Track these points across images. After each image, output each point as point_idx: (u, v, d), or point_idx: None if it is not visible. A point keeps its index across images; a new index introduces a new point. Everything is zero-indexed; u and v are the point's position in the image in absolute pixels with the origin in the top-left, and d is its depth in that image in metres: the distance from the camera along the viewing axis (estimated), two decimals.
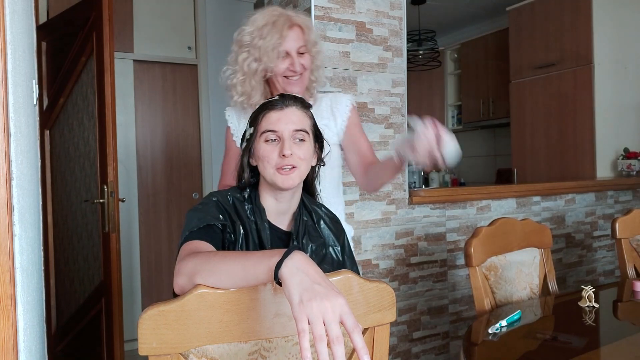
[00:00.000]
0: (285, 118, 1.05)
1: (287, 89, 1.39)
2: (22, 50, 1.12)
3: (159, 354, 0.79)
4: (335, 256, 1.13)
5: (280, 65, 1.38)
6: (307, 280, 0.72)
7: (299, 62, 1.39)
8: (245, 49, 1.40)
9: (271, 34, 1.35)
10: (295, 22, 1.39)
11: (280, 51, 1.36)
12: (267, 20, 1.37)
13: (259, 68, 1.38)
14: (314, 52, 1.44)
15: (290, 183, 1.03)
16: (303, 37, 1.40)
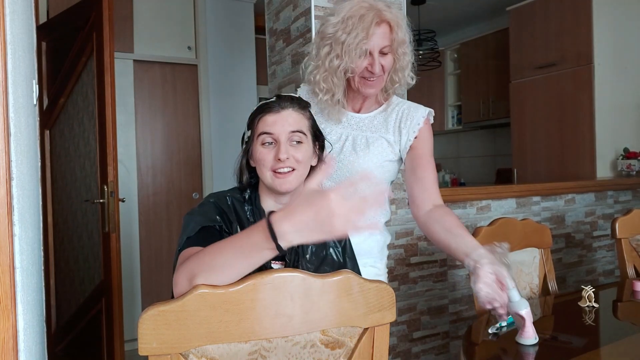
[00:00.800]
0: (282, 120, 1.04)
1: (362, 90, 1.31)
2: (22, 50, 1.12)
3: (159, 354, 0.79)
4: (336, 257, 1.13)
5: (359, 63, 1.27)
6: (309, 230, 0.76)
7: (380, 63, 1.27)
8: (328, 41, 1.28)
9: (356, 30, 1.23)
10: (384, 19, 1.25)
11: (364, 50, 1.25)
12: (355, 12, 1.25)
13: (340, 65, 1.27)
14: (400, 52, 1.30)
15: (288, 186, 1.03)
16: (390, 36, 1.27)
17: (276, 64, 2.34)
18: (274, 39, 2.36)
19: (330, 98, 1.32)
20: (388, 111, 1.38)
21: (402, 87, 1.37)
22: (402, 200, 2.19)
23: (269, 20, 2.41)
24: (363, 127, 1.37)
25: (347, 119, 1.38)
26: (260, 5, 3.63)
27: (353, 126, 1.38)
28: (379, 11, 1.25)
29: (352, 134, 1.36)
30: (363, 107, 1.40)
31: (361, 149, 1.34)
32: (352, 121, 1.38)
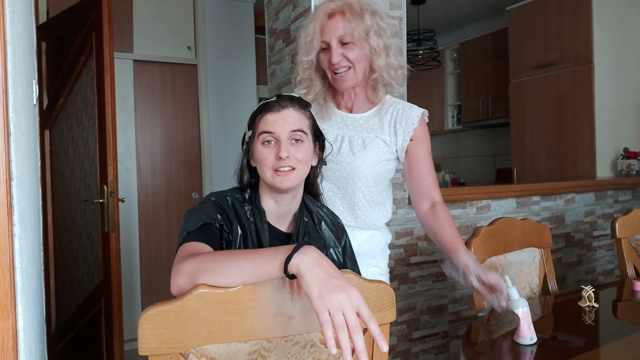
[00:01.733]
0: (282, 120, 1.04)
1: (335, 86, 1.33)
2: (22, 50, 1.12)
3: (159, 353, 0.79)
4: (336, 257, 1.13)
5: (323, 57, 1.29)
6: (323, 274, 0.77)
7: (340, 53, 1.26)
8: (298, 43, 1.36)
9: (311, 25, 1.28)
10: (337, 10, 1.26)
11: (317, 43, 1.27)
12: (314, 12, 1.29)
13: (304, 60, 1.31)
14: (365, 38, 1.26)
15: (289, 184, 1.03)
16: (347, 25, 1.24)
17: (276, 64, 2.34)
18: (274, 38, 2.36)
19: (308, 93, 1.36)
20: (383, 111, 1.37)
21: (392, 85, 1.36)
22: (402, 200, 2.19)
23: (269, 20, 2.41)
24: (358, 128, 1.37)
25: (342, 120, 1.38)
26: (260, 5, 3.63)
27: (349, 126, 1.37)
28: (333, 4, 1.27)
29: (348, 135, 1.36)
30: (354, 106, 1.39)
31: (358, 150, 1.34)
32: (347, 121, 1.38)
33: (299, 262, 0.78)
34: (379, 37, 1.28)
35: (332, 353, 0.71)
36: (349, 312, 0.73)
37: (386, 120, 1.36)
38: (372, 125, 1.37)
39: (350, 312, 0.73)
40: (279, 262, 0.80)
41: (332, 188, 1.36)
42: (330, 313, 0.73)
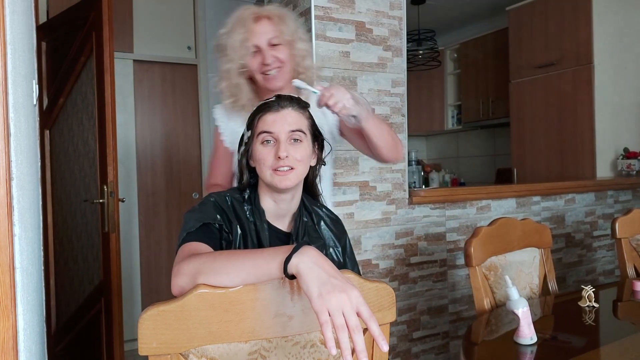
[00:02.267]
0: (281, 119, 1.04)
1: (267, 86, 1.36)
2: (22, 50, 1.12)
3: (159, 353, 0.79)
4: (336, 257, 1.13)
5: (252, 61, 1.34)
6: (323, 274, 0.76)
7: (271, 55, 1.33)
8: (223, 52, 1.37)
9: (237, 30, 1.32)
10: (263, 14, 1.34)
11: (249, 46, 1.32)
12: (236, 17, 1.35)
13: (233, 67, 1.34)
14: (292, 42, 1.36)
15: (288, 184, 1.03)
16: (274, 28, 1.33)
17: None
18: None
19: (233, 102, 1.39)
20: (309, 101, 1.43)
21: (311, 79, 1.41)
22: (402, 200, 2.19)
23: None
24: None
25: None
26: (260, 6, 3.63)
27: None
28: (256, 10, 1.35)
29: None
30: None
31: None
32: None
33: (299, 262, 0.78)
34: (303, 42, 1.39)
35: (332, 354, 0.71)
36: (349, 312, 0.73)
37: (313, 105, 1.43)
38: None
39: (350, 312, 0.73)
40: (278, 263, 0.80)
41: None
42: (330, 313, 0.73)
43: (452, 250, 2.34)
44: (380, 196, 2.14)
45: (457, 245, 2.34)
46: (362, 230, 2.10)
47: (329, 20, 2.02)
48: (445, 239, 2.32)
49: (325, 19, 2.01)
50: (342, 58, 2.05)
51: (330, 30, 2.02)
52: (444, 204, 2.31)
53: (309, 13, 2.00)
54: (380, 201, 2.14)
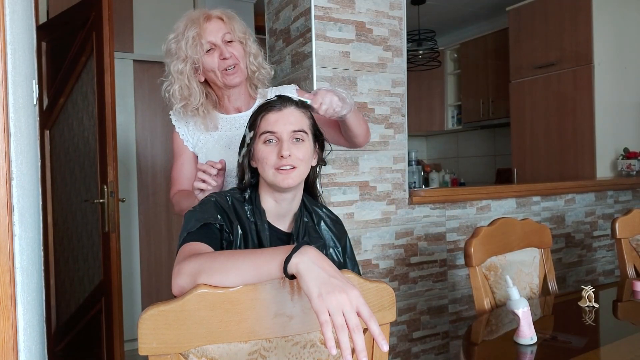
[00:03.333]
0: (284, 119, 1.05)
1: (227, 82, 1.37)
2: (22, 50, 1.12)
3: (159, 353, 0.79)
4: (336, 257, 1.14)
5: (209, 58, 1.35)
6: (323, 274, 0.76)
7: (228, 50, 1.35)
8: (174, 55, 1.36)
9: (189, 29, 1.33)
10: (213, 15, 1.37)
11: (204, 43, 1.33)
12: (185, 22, 1.36)
13: (186, 67, 1.35)
14: (242, 38, 1.40)
15: (290, 182, 1.03)
16: (225, 26, 1.37)
17: (276, 64, 2.34)
18: (274, 38, 2.36)
19: (185, 105, 1.38)
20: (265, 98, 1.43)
21: (264, 77, 1.47)
22: (402, 200, 2.19)
23: (269, 20, 2.41)
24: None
25: (236, 120, 1.44)
26: (260, 5, 3.63)
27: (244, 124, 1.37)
28: (205, 11, 1.37)
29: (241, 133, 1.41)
30: (243, 104, 1.46)
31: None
32: (241, 121, 1.42)
33: (299, 262, 0.77)
34: (254, 42, 1.43)
35: (332, 354, 0.71)
36: (349, 312, 0.73)
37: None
38: None
39: (350, 312, 0.73)
40: (278, 262, 0.80)
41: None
42: (330, 313, 0.73)
43: (452, 250, 2.34)
44: (380, 196, 2.14)
45: (457, 245, 2.34)
46: (362, 230, 2.10)
47: (329, 20, 2.02)
48: (445, 239, 2.32)
49: (325, 19, 2.01)
50: (342, 58, 2.05)
51: (330, 30, 2.02)
52: (444, 204, 2.31)
53: (309, 13, 2.00)
54: (380, 201, 2.14)
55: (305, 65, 2.04)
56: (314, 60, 1.99)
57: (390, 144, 2.16)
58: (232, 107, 1.45)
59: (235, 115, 1.44)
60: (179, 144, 1.47)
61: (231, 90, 1.42)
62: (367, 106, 2.11)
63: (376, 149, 2.13)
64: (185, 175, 1.45)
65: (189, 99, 1.38)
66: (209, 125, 1.41)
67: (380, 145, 2.14)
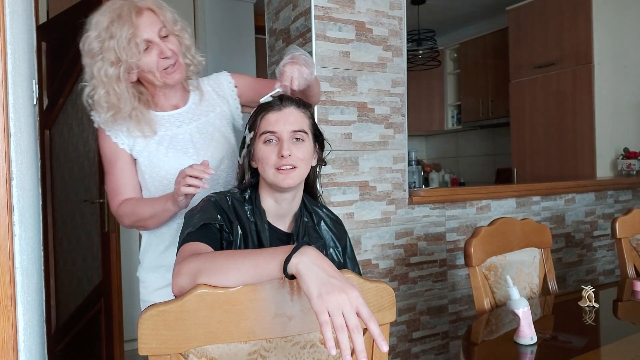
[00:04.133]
0: (284, 119, 1.05)
1: (168, 81, 1.25)
2: (22, 50, 1.11)
3: (159, 354, 0.79)
4: (336, 257, 1.14)
5: (147, 58, 1.21)
6: (323, 274, 0.76)
7: (167, 47, 1.22)
8: (98, 57, 1.20)
9: (121, 28, 1.17)
10: (142, 6, 1.21)
11: (139, 42, 1.18)
12: (111, 16, 1.18)
13: (119, 72, 1.19)
14: (178, 31, 1.27)
15: (290, 182, 1.03)
16: (158, 19, 1.22)
17: (276, 64, 2.33)
18: (274, 38, 2.36)
19: (114, 114, 1.22)
20: (201, 90, 1.37)
21: (198, 68, 1.35)
22: (402, 200, 2.19)
23: (269, 20, 2.41)
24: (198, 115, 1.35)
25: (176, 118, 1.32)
26: (260, 5, 3.63)
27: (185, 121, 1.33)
28: (132, 2, 1.20)
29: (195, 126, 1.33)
30: (181, 99, 1.35)
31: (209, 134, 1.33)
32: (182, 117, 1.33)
33: (298, 263, 0.77)
34: (187, 32, 1.31)
35: (332, 354, 0.70)
36: (349, 312, 0.73)
37: (209, 96, 1.38)
38: (205, 106, 1.36)
39: (350, 312, 0.73)
40: (278, 263, 0.79)
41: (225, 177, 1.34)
42: (330, 313, 0.73)
43: (452, 250, 2.34)
44: (380, 196, 2.14)
45: (457, 245, 2.34)
46: (362, 230, 2.10)
47: (329, 20, 2.02)
48: (445, 239, 2.32)
49: (325, 19, 2.01)
50: (342, 58, 2.05)
51: (330, 30, 2.02)
52: (444, 204, 2.31)
53: (309, 13, 2.00)
54: (380, 201, 2.14)
55: None
56: (314, 60, 1.98)
57: (390, 144, 2.16)
58: (169, 104, 1.33)
59: (173, 113, 1.32)
60: (112, 148, 1.28)
61: (168, 88, 1.30)
62: (367, 106, 2.11)
63: (376, 149, 2.13)
64: (127, 183, 1.29)
65: (118, 107, 1.21)
66: (145, 131, 1.26)
67: (380, 145, 2.14)
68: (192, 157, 1.29)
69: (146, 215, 1.24)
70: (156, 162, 1.27)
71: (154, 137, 1.28)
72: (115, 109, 1.22)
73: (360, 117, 2.09)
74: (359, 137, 2.08)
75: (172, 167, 1.26)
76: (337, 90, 2.03)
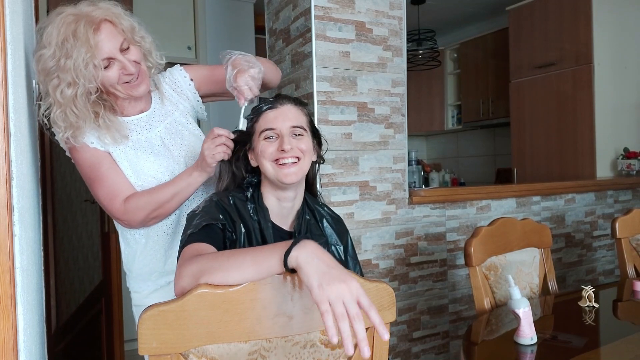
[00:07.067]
0: (282, 115, 1.06)
1: (132, 94, 1.21)
2: (22, 50, 1.11)
3: (159, 353, 0.79)
4: (338, 255, 1.14)
5: (109, 74, 1.16)
6: (323, 265, 0.77)
7: (130, 61, 1.17)
8: (54, 75, 1.12)
9: (77, 49, 1.09)
10: (98, 19, 1.13)
11: (97, 64, 1.12)
12: (65, 32, 1.10)
13: (77, 93, 1.12)
14: (138, 39, 1.22)
15: (293, 178, 1.04)
16: (117, 30, 1.17)
17: (276, 64, 2.34)
18: (274, 38, 2.36)
19: (74, 132, 1.16)
20: (160, 90, 1.34)
21: (157, 68, 1.31)
22: (402, 200, 2.19)
23: (269, 20, 2.41)
24: (164, 116, 1.33)
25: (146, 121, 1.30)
26: (260, 5, 3.63)
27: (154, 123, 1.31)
28: (87, 16, 1.12)
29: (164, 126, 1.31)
30: (146, 102, 1.32)
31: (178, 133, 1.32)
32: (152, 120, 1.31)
33: (298, 256, 0.78)
34: (146, 37, 1.26)
35: (333, 342, 0.71)
36: (349, 301, 0.74)
37: (168, 93, 1.35)
38: (168, 105, 1.34)
39: (351, 301, 0.74)
40: (278, 257, 0.80)
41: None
42: (331, 303, 0.73)
43: (452, 250, 2.34)
44: (380, 196, 2.14)
45: (457, 245, 2.34)
46: (362, 230, 2.10)
47: (329, 20, 2.02)
48: (445, 239, 2.32)
49: (325, 19, 2.01)
50: (342, 58, 2.05)
51: (330, 30, 2.02)
52: (444, 203, 2.31)
53: (309, 13, 2.00)
54: (380, 201, 2.14)
55: (305, 65, 2.04)
56: (314, 60, 1.99)
57: (390, 144, 2.16)
58: (134, 109, 1.29)
59: (140, 116, 1.29)
60: (91, 153, 1.22)
61: (138, 98, 1.27)
62: (367, 106, 2.11)
63: (376, 149, 2.13)
64: (121, 181, 1.23)
65: (77, 125, 1.16)
66: (116, 136, 1.22)
67: (380, 145, 2.14)
68: (169, 159, 1.28)
69: (167, 197, 1.20)
70: (139, 169, 1.24)
71: (128, 143, 1.25)
72: (74, 127, 1.16)
73: (360, 117, 2.09)
74: (359, 137, 2.08)
75: (156, 171, 1.25)
76: (337, 90, 2.03)
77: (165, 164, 1.26)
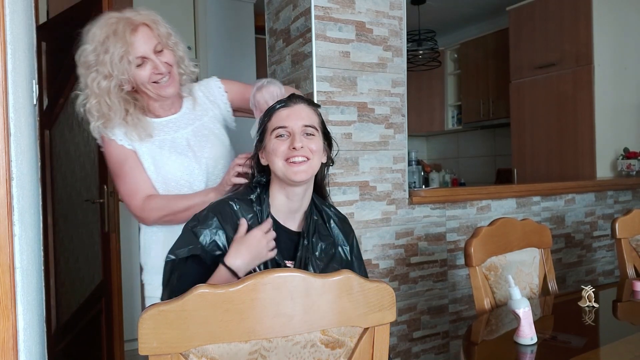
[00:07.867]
0: (294, 114, 1.07)
1: (162, 94, 1.30)
2: (22, 50, 1.12)
3: (159, 353, 0.79)
4: (344, 255, 1.14)
5: (141, 73, 1.26)
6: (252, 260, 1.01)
7: (162, 62, 1.28)
8: (93, 69, 1.27)
9: (114, 45, 1.23)
10: (138, 22, 1.26)
11: (132, 60, 1.24)
12: (107, 31, 1.24)
13: (110, 85, 1.26)
14: (172, 44, 1.33)
15: (303, 176, 1.04)
16: (154, 34, 1.28)
17: (276, 64, 2.34)
18: (274, 38, 2.36)
19: (104, 123, 1.29)
20: (194, 97, 1.43)
21: (190, 76, 1.42)
22: (402, 200, 2.19)
23: (269, 20, 2.41)
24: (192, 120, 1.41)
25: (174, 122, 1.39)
26: (260, 5, 3.63)
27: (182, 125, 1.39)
28: (128, 19, 1.25)
29: (191, 129, 1.39)
30: (174, 106, 1.41)
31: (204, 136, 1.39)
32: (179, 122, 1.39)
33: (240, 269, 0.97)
34: (181, 44, 1.38)
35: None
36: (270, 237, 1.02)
37: (201, 101, 1.45)
38: (199, 111, 1.43)
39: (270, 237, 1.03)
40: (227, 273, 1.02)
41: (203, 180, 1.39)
42: None
43: (453, 250, 2.34)
44: (381, 196, 2.14)
45: (458, 245, 2.34)
46: (362, 230, 2.10)
47: (329, 20, 2.02)
48: (445, 239, 2.32)
49: (325, 19, 2.01)
50: (342, 58, 2.05)
51: (330, 30, 2.02)
52: (444, 204, 2.31)
53: (309, 13, 2.00)
54: (381, 201, 2.14)
55: (305, 65, 2.04)
56: (314, 60, 1.99)
57: (390, 144, 2.16)
58: (164, 111, 1.39)
59: (170, 118, 1.38)
60: (118, 150, 1.32)
61: (163, 99, 1.35)
62: (367, 106, 2.11)
63: (376, 149, 2.13)
64: (143, 180, 1.33)
65: (108, 115, 1.28)
66: (141, 134, 1.31)
67: (380, 145, 2.14)
68: (192, 159, 1.35)
69: (181, 208, 1.29)
70: (161, 165, 1.32)
71: (154, 142, 1.33)
72: (105, 117, 1.28)
73: (360, 117, 2.09)
74: (359, 137, 2.08)
75: (176, 169, 1.33)
76: (337, 90, 2.03)
77: (186, 163, 1.34)
